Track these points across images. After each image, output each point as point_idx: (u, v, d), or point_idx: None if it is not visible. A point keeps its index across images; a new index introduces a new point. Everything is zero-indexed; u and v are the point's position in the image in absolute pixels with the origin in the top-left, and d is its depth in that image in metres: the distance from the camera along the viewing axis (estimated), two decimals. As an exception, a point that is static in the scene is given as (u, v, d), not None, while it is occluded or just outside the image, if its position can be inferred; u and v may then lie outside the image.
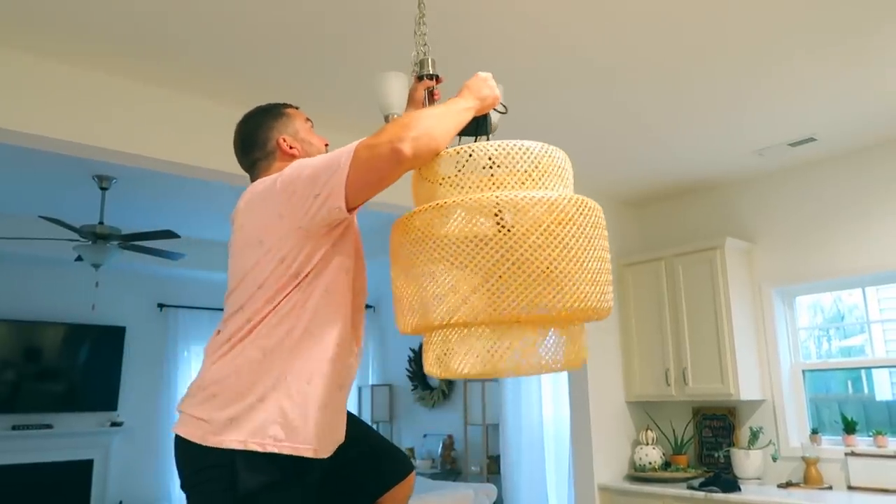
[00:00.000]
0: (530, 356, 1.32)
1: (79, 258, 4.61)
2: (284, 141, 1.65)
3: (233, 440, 1.35)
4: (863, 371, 3.91)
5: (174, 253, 4.83)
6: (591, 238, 1.32)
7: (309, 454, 1.39)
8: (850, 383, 3.97)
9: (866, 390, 3.91)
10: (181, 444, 1.41)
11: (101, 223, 4.40)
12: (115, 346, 6.39)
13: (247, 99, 3.02)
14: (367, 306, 7.36)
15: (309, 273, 1.44)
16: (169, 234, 4.39)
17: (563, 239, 1.27)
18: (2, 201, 4.79)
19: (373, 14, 2.39)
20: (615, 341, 4.50)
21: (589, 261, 1.30)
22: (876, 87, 3.03)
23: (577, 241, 1.29)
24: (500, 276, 1.25)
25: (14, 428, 5.80)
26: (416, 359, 7.01)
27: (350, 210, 1.41)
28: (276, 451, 1.35)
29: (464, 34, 2.51)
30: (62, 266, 6.13)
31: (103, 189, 4.39)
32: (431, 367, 1.41)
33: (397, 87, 1.77)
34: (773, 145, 3.71)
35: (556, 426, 5.65)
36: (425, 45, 1.95)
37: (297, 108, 1.74)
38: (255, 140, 1.66)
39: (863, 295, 3.90)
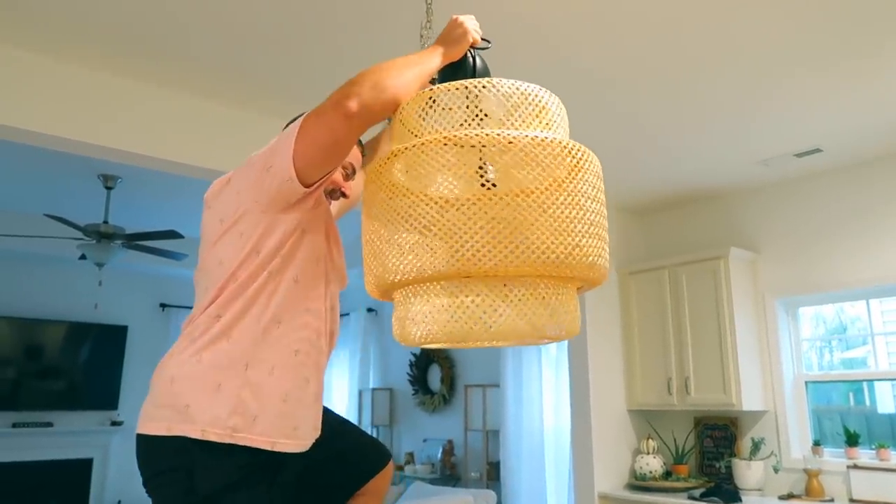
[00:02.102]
0: (514, 320, 1.20)
1: (83, 257, 4.61)
2: None
3: (191, 429, 1.30)
4: (865, 383, 3.89)
5: (177, 253, 4.84)
6: (593, 188, 1.23)
7: (266, 447, 1.33)
8: (851, 395, 3.95)
9: (868, 402, 3.89)
10: (143, 442, 1.36)
11: (105, 222, 4.41)
12: (117, 346, 6.40)
13: (249, 101, 3.03)
14: (369, 309, 7.36)
15: (275, 259, 1.39)
16: (172, 235, 4.39)
17: (551, 184, 1.16)
18: (8, 199, 4.80)
19: (378, 18, 2.39)
20: (617, 349, 4.49)
21: (571, 208, 1.18)
22: (883, 99, 3.03)
23: (575, 188, 1.20)
24: (469, 230, 1.13)
25: (14, 425, 5.80)
26: (418, 363, 6.99)
27: (308, 185, 1.36)
28: (231, 441, 1.30)
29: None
30: (65, 264, 6.14)
31: (108, 188, 4.40)
32: (394, 333, 1.35)
33: None
34: (779, 156, 3.70)
35: (556, 433, 5.63)
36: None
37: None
38: None
39: (867, 307, 3.88)
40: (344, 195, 1.58)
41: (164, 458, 1.32)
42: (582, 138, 3.46)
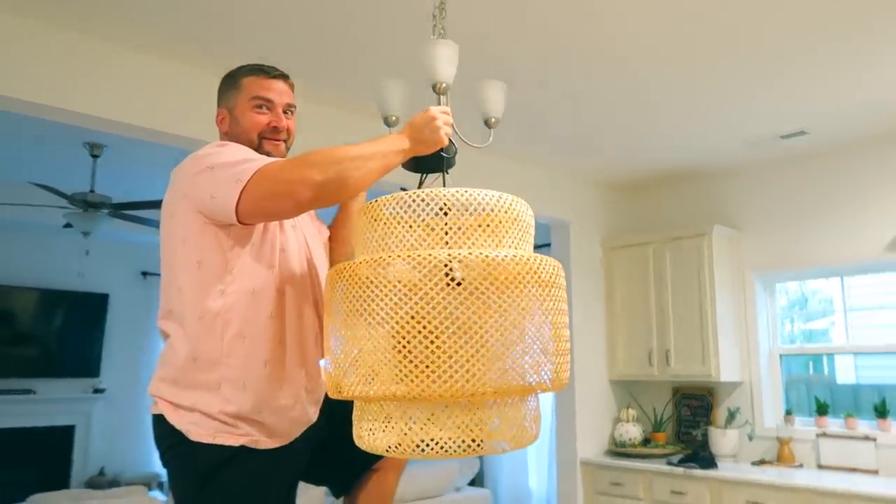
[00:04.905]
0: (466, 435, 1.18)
1: (68, 225, 4.55)
2: (220, 115, 1.60)
3: (178, 422, 1.39)
4: (824, 355, 4.12)
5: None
6: (550, 302, 1.21)
7: (250, 444, 1.40)
8: (811, 365, 4.17)
9: (826, 372, 4.12)
10: (154, 421, 1.45)
11: (91, 191, 4.35)
12: (98, 313, 6.35)
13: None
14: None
15: (225, 276, 1.39)
16: (160, 205, 4.35)
17: (519, 302, 1.15)
18: (-14, 165, 4.69)
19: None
20: (601, 322, 4.62)
21: (540, 327, 1.18)
22: (865, 86, 3.13)
23: (533, 304, 1.17)
24: (437, 348, 1.12)
25: (-5, 393, 5.76)
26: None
27: (248, 224, 1.37)
28: (212, 442, 1.36)
29: (468, 19, 2.53)
30: (46, 232, 6.04)
31: (94, 156, 4.33)
32: (356, 439, 1.30)
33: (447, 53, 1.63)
34: (765, 137, 3.80)
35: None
36: (443, 29, 1.97)
37: (264, 74, 1.58)
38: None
39: (841, 284, 4.07)
40: (277, 130, 1.55)
41: (171, 435, 1.40)
42: (576, 113, 3.51)
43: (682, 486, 3.82)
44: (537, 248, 5.67)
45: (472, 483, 5.35)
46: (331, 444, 1.59)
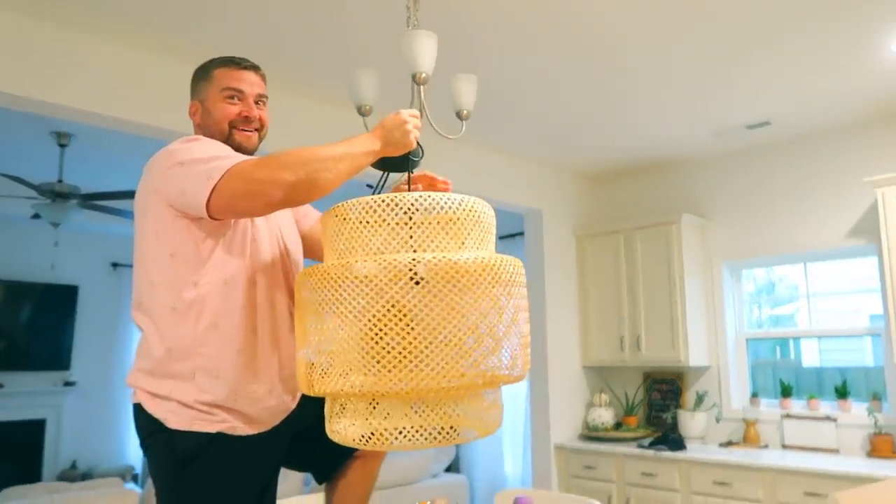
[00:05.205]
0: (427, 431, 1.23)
1: (36, 216, 4.48)
2: (193, 107, 1.61)
3: (156, 411, 1.41)
4: (791, 339, 4.25)
5: (132, 213, 4.74)
6: (512, 300, 1.26)
7: (228, 431, 1.42)
8: (778, 349, 4.30)
9: (793, 356, 4.25)
10: (135, 409, 1.47)
11: (60, 181, 4.28)
12: (68, 305, 6.26)
13: (206, 56, 2.95)
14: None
15: (199, 268, 1.41)
16: (131, 195, 4.30)
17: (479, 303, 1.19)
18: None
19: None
20: (573, 309, 4.69)
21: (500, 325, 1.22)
22: (826, 77, 3.22)
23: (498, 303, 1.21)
24: (402, 344, 1.15)
25: (-38, 387, 5.66)
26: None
27: (219, 219, 1.38)
28: (189, 429, 1.39)
29: (439, 11, 2.55)
30: (13, 223, 5.93)
31: (62, 146, 4.26)
32: (329, 432, 1.32)
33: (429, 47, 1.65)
34: (732, 127, 3.89)
35: (511, 387, 5.86)
36: (417, 21, 1.99)
37: (234, 66, 1.59)
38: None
39: (804, 270, 4.19)
40: (248, 119, 1.57)
41: (150, 423, 1.43)
42: (546, 106, 3.55)
43: (653, 468, 3.92)
44: (511, 236, 5.73)
45: (449, 470, 5.42)
46: (311, 432, 1.61)
